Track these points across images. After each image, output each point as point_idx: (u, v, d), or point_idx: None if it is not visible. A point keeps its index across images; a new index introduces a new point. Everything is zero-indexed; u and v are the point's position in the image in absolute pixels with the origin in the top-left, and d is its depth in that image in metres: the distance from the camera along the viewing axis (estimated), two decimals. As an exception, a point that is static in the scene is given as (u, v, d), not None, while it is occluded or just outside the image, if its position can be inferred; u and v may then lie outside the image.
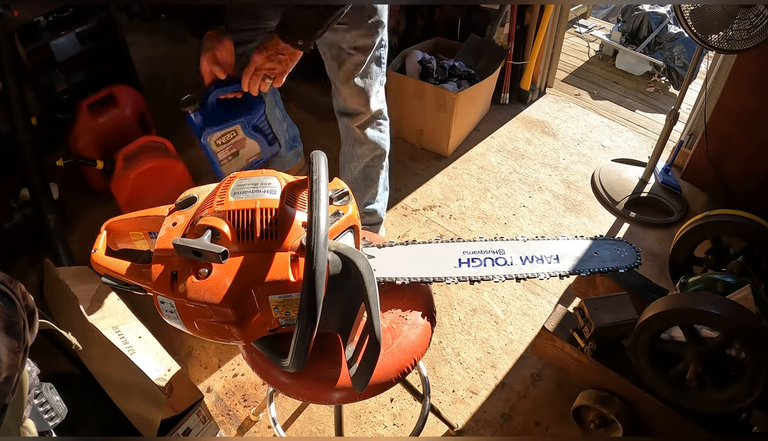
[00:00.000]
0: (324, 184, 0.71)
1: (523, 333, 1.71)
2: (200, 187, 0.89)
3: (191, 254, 0.72)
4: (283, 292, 0.76)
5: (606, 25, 3.47)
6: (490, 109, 2.64)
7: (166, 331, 1.55)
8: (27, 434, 0.76)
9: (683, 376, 1.22)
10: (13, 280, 0.68)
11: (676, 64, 2.86)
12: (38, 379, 0.79)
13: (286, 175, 0.85)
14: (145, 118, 2.25)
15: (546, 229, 2.07)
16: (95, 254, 0.91)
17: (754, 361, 1.11)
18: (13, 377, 0.64)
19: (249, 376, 1.60)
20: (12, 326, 0.64)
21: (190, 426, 1.27)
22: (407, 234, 2.04)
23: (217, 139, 1.19)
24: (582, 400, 1.38)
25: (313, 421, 1.50)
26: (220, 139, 1.20)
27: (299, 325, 0.68)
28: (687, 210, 2.12)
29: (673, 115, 1.97)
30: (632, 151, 2.45)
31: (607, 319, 1.30)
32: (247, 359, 0.94)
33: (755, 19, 1.54)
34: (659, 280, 1.55)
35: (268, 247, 0.76)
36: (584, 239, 1.07)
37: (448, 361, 1.64)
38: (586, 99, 2.81)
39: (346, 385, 0.86)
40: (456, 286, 1.84)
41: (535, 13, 2.41)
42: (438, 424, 1.47)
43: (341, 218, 0.83)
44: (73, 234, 2.02)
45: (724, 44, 1.63)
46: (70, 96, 2.11)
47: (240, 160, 1.25)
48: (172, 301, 0.76)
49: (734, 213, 1.39)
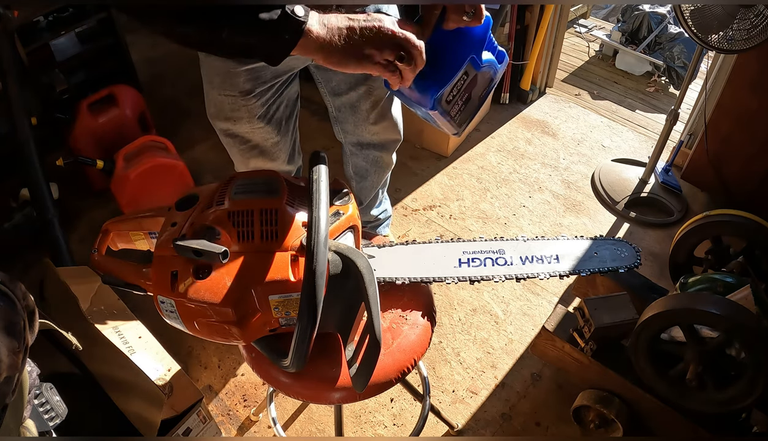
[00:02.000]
0: (324, 184, 0.71)
1: (523, 333, 1.71)
2: (200, 187, 0.89)
3: (191, 254, 0.72)
4: (283, 292, 0.76)
5: (606, 25, 3.47)
6: (490, 109, 2.64)
7: (166, 331, 1.54)
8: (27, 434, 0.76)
9: (683, 376, 1.22)
10: (13, 280, 0.68)
11: (676, 64, 2.86)
12: (38, 379, 0.79)
13: (286, 175, 0.85)
14: (145, 118, 2.25)
15: (546, 229, 2.07)
16: (95, 254, 0.91)
17: (754, 361, 1.11)
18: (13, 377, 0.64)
19: (249, 376, 1.60)
20: (12, 326, 0.64)
21: (190, 426, 1.27)
22: (407, 234, 2.04)
23: (448, 94, 0.88)
24: (582, 400, 1.38)
25: (313, 421, 1.50)
26: (451, 92, 0.88)
27: (299, 325, 0.68)
28: (687, 210, 2.12)
29: (673, 115, 1.97)
30: (632, 151, 2.45)
31: (607, 319, 1.30)
32: (247, 359, 0.94)
33: (755, 19, 1.54)
34: (659, 280, 1.55)
35: (269, 247, 0.76)
36: (584, 239, 1.07)
37: (448, 361, 1.64)
38: (586, 99, 2.81)
39: (346, 385, 0.86)
40: (456, 286, 1.83)
41: (535, 13, 2.41)
42: (438, 424, 1.47)
43: (341, 218, 0.83)
44: (73, 234, 2.02)
45: (724, 44, 1.63)
46: (70, 96, 2.11)
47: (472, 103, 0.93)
48: (172, 301, 0.76)
49: (734, 213, 1.39)
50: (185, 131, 2.53)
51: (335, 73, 1.23)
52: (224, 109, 1.16)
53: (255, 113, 1.15)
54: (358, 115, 1.34)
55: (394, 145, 1.49)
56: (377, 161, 1.52)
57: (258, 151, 1.25)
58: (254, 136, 1.21)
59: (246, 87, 1.10)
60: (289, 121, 1.26)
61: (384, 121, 1.37)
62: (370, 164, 1.53)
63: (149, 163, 1.92)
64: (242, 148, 1.24)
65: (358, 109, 1.32)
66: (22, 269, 1.84)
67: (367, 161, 1.52)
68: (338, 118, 1.40)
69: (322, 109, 2.58)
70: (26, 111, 1.81)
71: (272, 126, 1.21)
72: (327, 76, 1.26)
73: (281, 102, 1.19)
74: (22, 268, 1.85)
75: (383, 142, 1.45)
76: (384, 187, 1.70)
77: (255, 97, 1.13)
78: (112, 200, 2.02)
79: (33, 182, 1.81)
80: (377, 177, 1.58)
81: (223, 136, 1.24)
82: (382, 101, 1.31)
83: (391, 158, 1.54)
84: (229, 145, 1.26)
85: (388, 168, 1.58)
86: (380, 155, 1.50)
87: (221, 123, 1.20)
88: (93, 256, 0.91)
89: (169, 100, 2.73)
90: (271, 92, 1.15)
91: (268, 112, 1.18)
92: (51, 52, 2.16)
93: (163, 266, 0.77)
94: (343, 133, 1.45)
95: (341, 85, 1.27)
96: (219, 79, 1.12)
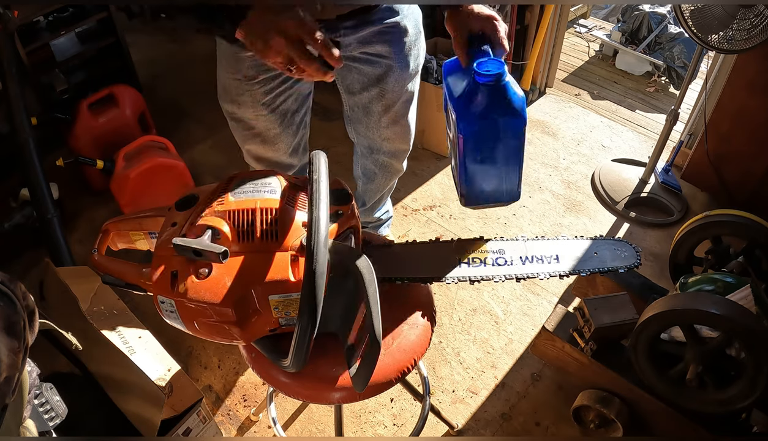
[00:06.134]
0: (324, 184, 0.71)
1: (523, 333, 1.71)
2: (200, 187, 0.89)
3: (191, 254, 0.72)
4: (283, 292, 0.76)
5: (606, 25, 3.47)
6: (490, 109, 2.63)
7: (166, 331, 1.54)
8: (27, 434, 0.76)
9: (683, 376, 1.22)
10: (14, 280, 0.68)
11: (676, 64, 2.86)
12: (38, 379, 0.79)
13: (287, 175, 0.85)
14: (145, 118, 2.25)
15: (546, 229, 2.07)
16: (95, 254, 0.91)
17: (754, 361, 1.11)
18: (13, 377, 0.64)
19: (249, 376, 1.60)
20: (12, 326, 0.64)
21: (190, 426, 1.27)
22: (407, 234, 2.04)
23: None
24: (582, 400, 1.38)
25: (313, 421, 1.50)
26: None
27: (299, 325, 0.67)
28: (687, 210, 2.12)
29: (673, 115, 1.97)
30: (632, 151, 2.44)
31: (607, 319, 1.30)
32: (247, 359, 0.94)
33: (755, 19, 1.54)
34: (659, 280, 1.55)
35: (269, 247, 0.76)
36: (584, 239, 1.07)
37: (448, 361, 1.64)
38: (586, 99, 2.81)
39: (346, 385, 0.86)
40: (456, 286, 1.83)
41: (535, 13, 2.41)
42: (438, 424, 1.47)
43: (341, 218, 0.83)
44: (73, 234, 2.02)
45: (724, 44, 1.63)
46: (70, 96, 2.11)
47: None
48: (173, 301, 0.76)
49: (734, 213, 1.39)
50: (185, 131, 2.53)
51: (349, 71, 1.24)
52: (230, 92, 1.19)
53: (258, 100, 1.18)
54: (371, 117, 1.34)
55: (403, 154, 1.50)
56: (386, 166, 1.53)
57: (260, 139, 1.28)
58: (257, 124, 1.24)
59: (250, 73, 1.14)
60: (296, 115, 1.28)
61: (396, 127, 1.37)
62: (379, 168, 1.54)
63: (149, 163, 1.92)
64: (245, 133, 1.27)
65: (370, 110, 1.32)
66: (22, 269, 1.85)
67: (376, 165, 1.53)
68: (351, 118, 1.41)
69: (323, 109, 2.59)
70: (26, 111, 1.81)
71: (276, 116, 1.23)
72: (342, 72, 1.27)
73: (289, 95, 1.21)
74: (22, 268, 1.86)
75: (393, 150, 1.46)
76: (390, 191, 1.71)
77: (259, 84, 1.16)
78: (112, 200, 2.02)
79: (33, 182, 1.81)
80: (385, 181, 1.59)
81: (229, 119, 1.28)
82: (395, 106, 1.31)
83: (401, 165, 1.55)
84: (234, 128, 1.29)
85: (397, 174, 1.59)
86: (390, 161, 1.51)
87: (227, 105, 1.23)
88: (93, 256, 0.91)
89: (169, 100, 2.73)
90: (277, 82, 1.17)
91: (273, 102, 1.20)
92: (51, 52, 2.16)
93: (163, 266, 0.77)
94: (355, 133, 1.46)
95: (354, 84, 1.28)
96: (226, 62, 1.16)
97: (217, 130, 2.52)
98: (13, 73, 1.79)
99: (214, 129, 2.53)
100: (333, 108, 2.59)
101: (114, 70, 2.37)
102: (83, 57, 2.26)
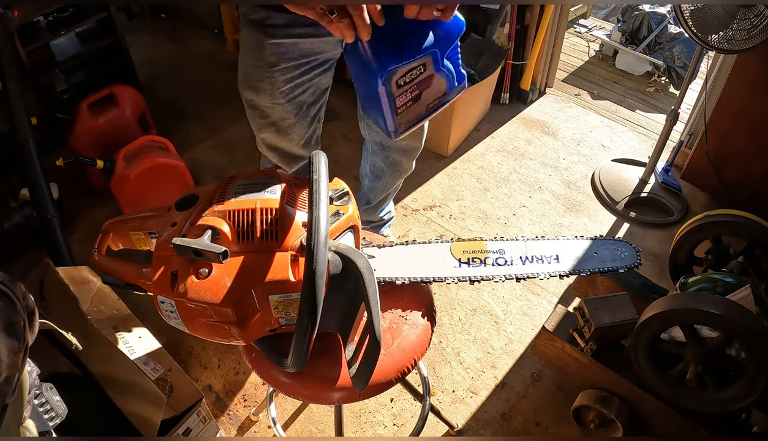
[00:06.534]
0: (324, 184, 0.71)
1: (523, 333, 1.71)
2: (200, 187, 0.89)
3: (191, 254, 0.72)
4: (283, 292, 0.76)
5: (606, 25, 3.47)
6: (490, 109, 2.64)
7: (166, 331, 1.55)
8: (27, 434, 0.76)
9: (683, 376, 1.22)
10: (13, 280, 0.68)
11: (676, 64, 2.86)
12: (38, 379, 0.79)
13: (287, 175, 0.85)
14: (145, 118, 2.25)
15: (546, 229, 2.07)
16: (95, 254, 0.91)
17: (754, 361, 1.11)
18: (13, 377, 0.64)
19: (249, 376, 1.60)
20: (12, 326, 0.64)
21: (190, 426, 1.27)
22: (407, 234, 2.04)
23: (400, 78, 0.85)
24: (582, 400, 1.38)
25: (313, 421, 1.50)
26: (404, 77, 0.86)
27: (299, 325, 0.67)
28: (687, 210, 2.12)
29: (673, 115, 1.97)
30: (632, 151, 2.45)
31: (607, 319, 1.30)
32: (247, 359, 0.94)
33: (755, 19, 1.54)
34: (659, 280, 1.55)
35: (268, 247, 0.76)
36: (584, 239, 1.07)
37: (448, 361, 1.64)
38: (586, 99, 2.81)
39: (346, 385, 0.86)
40: (456, 286, 1.83)
41: (535, 13, 2.41)
42: (438, 424, 1.47)
43: (341, 218, 0.83)
44: (73, 234, 2.02)
45: (724, 44, 1.63)
46: (70, 96, 2.10)
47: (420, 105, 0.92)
48: (172, 301, 0.76)
49: (734, 213, 1.39)
50: (185, 131, 2.53)
51: None
52: (250, 78, 1.21)
53: (278, 87, 1.19)
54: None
55: (415, 152, 1.50)
56: (396, 164, 1.54)
57: (275, 128, 1.29)
58: (273, 112, 1.25)
59: (271, 60, 1.15)
60: (312, 107, 1.29)
61: None
62: (389, 166, 1.55)
63: (149, 163, 1.92)
64: (261, 121, 1.29)
65: None
66: (22, 269, 1.85)
67: (386, 163, 1.54)
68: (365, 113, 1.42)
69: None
70: (26, 111, 1.81)
71: (292, 106, 1.24)
72: None
73: (308, 87, 1.23)
74: (22, 268, 1.86)
75: (406, 147, 1.46)
76: (395, 192, 1.71)
77: (279, 72, 1.17)
78: (112, 200, 2.02)
79: (33, 182, 1.81)
80: (392, 180, 1.60)
81: (247, 107, 1.29)
82: None
83: (411, 164, 1.55)
84: (250, 116, 1.31)
85: (405, 173, 1.59)
86: (401, 159, 1.51)
87: (246, 92, 1.25)
88: (93, 256, 0.91)
89: (169, 100, 2.73)
90: (298, 72, 1.18)
91: (292, 92, 1.21)
92: (51, 52, 2.16)
93: (163, 266, 0.77)
94: (367, 129, 1.47)
95: None
96: (248, 50, 1.18)
97: (217, 130, 2.52)
98: (13, 73, 1.79)
99: (214, 129, 2.53)
100: (333, 108, 2.59)
101: (114, 70, 2.37)
102: (83, 57, 2.26)
